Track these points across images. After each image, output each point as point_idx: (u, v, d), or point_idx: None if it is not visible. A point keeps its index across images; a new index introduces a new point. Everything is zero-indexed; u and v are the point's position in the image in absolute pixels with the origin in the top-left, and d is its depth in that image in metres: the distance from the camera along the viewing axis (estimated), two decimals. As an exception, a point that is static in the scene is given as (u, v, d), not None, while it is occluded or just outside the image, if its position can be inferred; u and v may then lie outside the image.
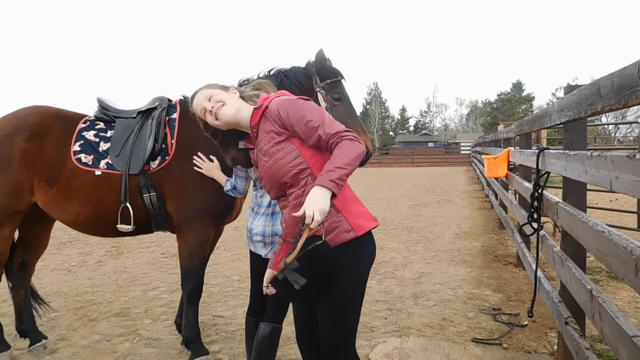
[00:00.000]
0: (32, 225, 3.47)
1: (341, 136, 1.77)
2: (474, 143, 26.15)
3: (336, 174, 1.66)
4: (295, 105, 1.89)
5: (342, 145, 1.75)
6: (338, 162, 1.69)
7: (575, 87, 2.73)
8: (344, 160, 1.69)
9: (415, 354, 3.30)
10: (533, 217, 3.11)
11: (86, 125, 3.26)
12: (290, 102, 1.91)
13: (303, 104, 1.89)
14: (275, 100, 1.96)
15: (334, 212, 1.83)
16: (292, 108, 1.87)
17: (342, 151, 1.73)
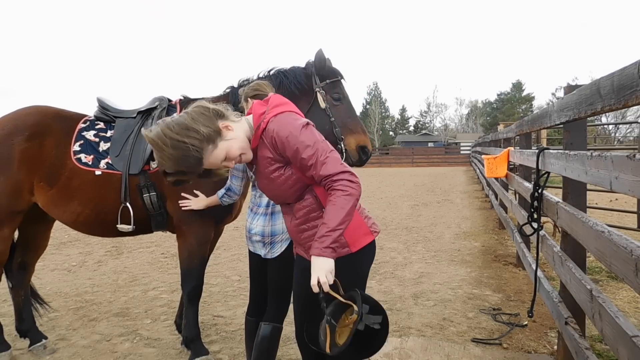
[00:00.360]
0: (32, 225, 3.47)
1: (333, 182, 1.73)
2: (474, 143, 26.15)
3: (330, 239, 1.68)
4: (290, 135, 1.77)
5: (335, 201, 1.71)
6: (331, 224, 1.68)
7: (575, 87, 2.73)
8: (336, 220, 1.68)
9: (415, 354, 3.30)
10: (533, 217, 3.11)
11: (86, 125, 3.26)
12: (286, 130, 1.78)
13: (298, 135, 1.77)
14: (273, 123, 1.82)
15: None
16: (288, 139, 1.77)
17: (335, 208, 1.70)
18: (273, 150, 1.82)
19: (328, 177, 1.75)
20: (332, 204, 1.72)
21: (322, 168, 1.75)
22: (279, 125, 1.80)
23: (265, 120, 1.84)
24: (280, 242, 2.56)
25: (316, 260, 1.69)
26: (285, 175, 1.85)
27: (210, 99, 2.81)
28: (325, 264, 1.68)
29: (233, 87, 3.23)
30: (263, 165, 1.88)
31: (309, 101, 3.01)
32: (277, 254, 2.55)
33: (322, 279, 1.67)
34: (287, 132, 1.78)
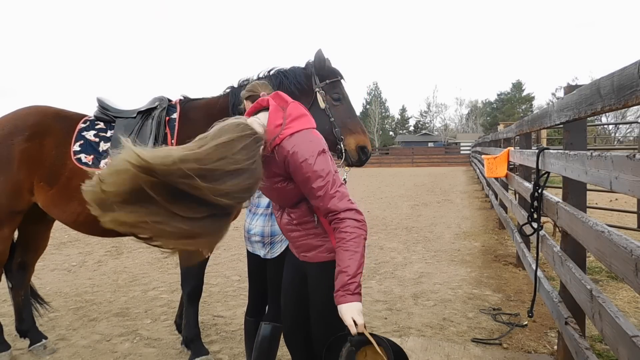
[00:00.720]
0: (31, 225, 3.47)
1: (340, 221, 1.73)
2: (474, 143, 26.16)
3: (355, 285, 1.70)
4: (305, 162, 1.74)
5: (347, 246, 1.71)
6: (351, 271, 1.69)
7: (575, 87, 2.73)
8: (355, 266, 1.70)
9: (415, 354, 3.30)
10: (533, 217, 3.11)
11: (86, 125, 3.26)
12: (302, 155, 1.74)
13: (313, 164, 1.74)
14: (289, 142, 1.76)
15: (322, 231, 1.91)
16: (302, 164, 1.73)
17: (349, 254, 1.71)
18: (283, 168, 1.79)
19: (334, 212, 1.75)
20: (344, 250, 1.72)
21: (329, 201, 1.75)
22: (296, 146, 1.75)
23: (281, 137, 1.77)
24: (280, 242, 2.55)
25: (347, 307, 1.69)
26: (289, 188, 1.85)
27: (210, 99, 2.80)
28: (356, 306, 1.69)
29: (233, 87, 3.23)
30: (268, 174, 1.83)
31: (309, 101, 3.01)
32: (277, 254, 2.55)
33: (358, 320, 1.67)
34: (302, 157, 1.74)
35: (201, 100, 3.37)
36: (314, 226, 1.93)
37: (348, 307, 1.69)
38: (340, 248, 1.73)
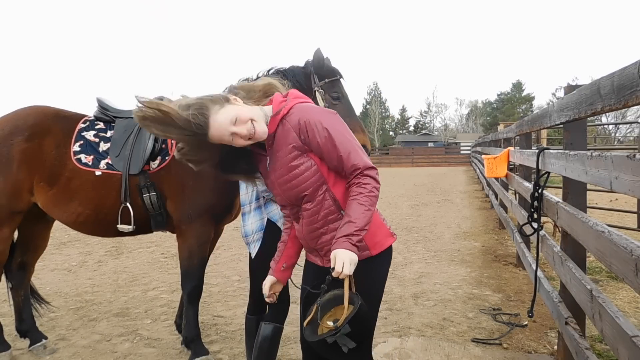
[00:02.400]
0: (31, 225, 3.47)
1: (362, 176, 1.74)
2: (474, 143, 26.15)
3: (358, 237, 1.68)
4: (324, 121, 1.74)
5: (363, 200, 1.70)
6: (359, 223, 1.68)
7: (575, 87, 2.73)
8: (364, 220, 1.69)
9: (415, 354, 3.30)
10: (533, 217, 3.11)
11: (86, 125, 3.26)
12: (317, 116, 1.75)
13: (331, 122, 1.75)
14: (299, 109, 1.78)
15: None
16: (320, 124, 1.73)
17: (364, 208, 1.70)
18: (297, 137, 1.76)
19: (358, 168, 1.73)
20: (359, 203, 1.70)
21: (354, 157, 1.73)
22: (308, 112, 1.77)
23: (288, 106, 1.79)
24: (253, 242, 2.58)
25: (344, 251, 1.65)
26: (305, 165, 1.78)
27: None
28: (351, 256, 1.65)
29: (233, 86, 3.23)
30: (282, 153, 1.80)
31: (309, 101, 3.02)
32: (254, 254, 2.59)
33: (346, 268, 1.63)
34: (317, 118, 1.74)
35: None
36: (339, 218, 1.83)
37: (345, 253, 1.64)
38: (356, 200, 1.71)
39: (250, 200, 2.60)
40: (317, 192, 1.81)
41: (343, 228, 1.69)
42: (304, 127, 1.75)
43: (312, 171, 1.79)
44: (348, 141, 1.75)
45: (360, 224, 1.68)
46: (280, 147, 1.80)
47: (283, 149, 1.79)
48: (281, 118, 1.79)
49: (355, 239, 1.67)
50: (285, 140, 1.79)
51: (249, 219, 2.59)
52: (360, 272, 1.77)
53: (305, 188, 1.80)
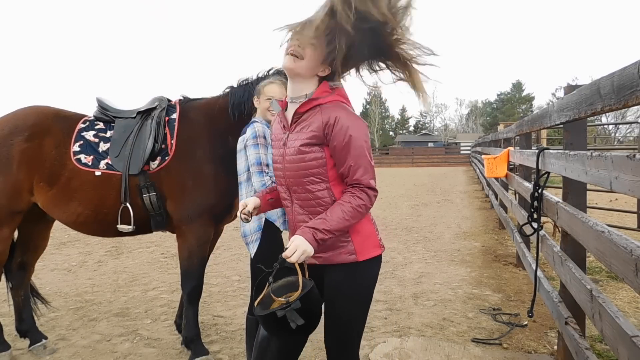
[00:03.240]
0: (31, 225, 3.47)
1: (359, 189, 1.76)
2: (474, 143, 26.15)
3: (324, 237, 1.71)
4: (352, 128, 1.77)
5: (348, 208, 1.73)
6: (332, 225, 1.71)
7: (575, 87, 2.73)
8: (339, 225, 1.72)
9: (415, 354, 3.30)
10: (533, 217, 3.11)
11: (85, 125, 3.26)
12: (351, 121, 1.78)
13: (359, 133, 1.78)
14: (336, 105, 1.81)
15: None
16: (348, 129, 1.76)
17: (344, 215, 1.72)
18: (322, 128, 1.78)
19: (360, 183, 1.76)
20: (342, 210, 1.73)
21: (361, 172, 1.76)
22: (342, 113, 1.78)
23: (329, 99, 1.81)
24: (251, 242, 2.59)
25: (303, 240, 1.69)
26: (314, 155, 1.80)
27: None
28: (309, 248, 1.69)
29: (232, 87, 3.23)
30: (302, 134, 1.82)
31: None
32: (253, 254, 2.61)
33: (296, 255, 1.67)
34: (348, 122, 1.76)
35: (201, 100, 3.38)
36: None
37: (303, 242, 1.68)
38: (341, 206, 1.74)
39: None
40: (317, 184, 1.83)
41: (315, 221, 1.73)
42: (331, 124, 1.77)
43: (318, 163, 1.81)
44: (364, 157, 1.78)
45: (331, 226, 1.71)
46: (304, 128, 1.83)
47: (305, 131, 1.82)
48: (317, 104, 1.81)
49: (319, 235, 1.70)
50: (310, 124, 1.81)
51: None
52: (345, 275, 1.83)
53: (304, 175, 1.83)
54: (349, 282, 1.85)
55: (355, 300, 1.88)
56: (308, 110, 1.83)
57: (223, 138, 3.15)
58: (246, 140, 2.60)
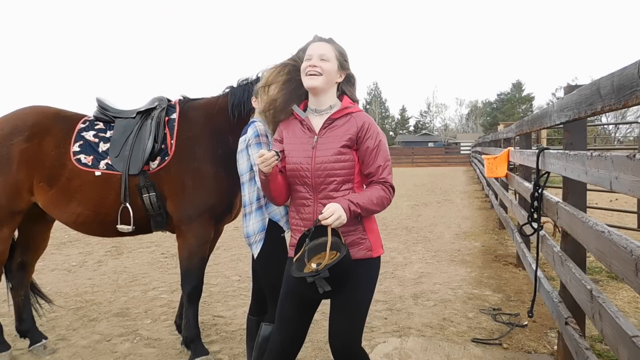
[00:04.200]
0: (31, 225, 3.47)
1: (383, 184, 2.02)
2: (474, 143, 26.15)
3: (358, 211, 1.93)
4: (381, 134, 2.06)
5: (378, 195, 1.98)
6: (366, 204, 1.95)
7: (575, 87, 2.73)
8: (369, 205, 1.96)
9: (415, 354, 3.30)
10: (533, 217, 3.11)
11: (85, 125, 3.26)
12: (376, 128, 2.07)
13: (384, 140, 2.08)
14: (365, 114, 2.08)
15: (361, 229, 2.05)
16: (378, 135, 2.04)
17: (373, 200, 1.97)
18: (357, 132, 2.02)
19: (387, 181, 2.02)
20: (375, 195, 1.97)
21: (387, 172, 2.04)
22: (372, 121, 2.07)
23: (357, 109, 2.10)
24: (254, 243, 2.58)
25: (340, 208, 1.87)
26: (349, 157, 2.02)
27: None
28: (344, 215, 1.88)
29: (232, 87, 3.23)
30: (338, 138, 2.02)
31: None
32: (257, 254, 2.59)
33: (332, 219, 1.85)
34: (377, 129, 2.07)
35: (200, 100, 3.38)
36: (356, 221, 2.02)
37: (339, 209, 1.87)
38: (371, 191, 1.99)
39: (251, 200, 2.60)
40: (344, 184, 2.02)
41: (353, 195, 1.96)
42: (365, 128, 2.03)
43: (350, 163, 2.02)
44: (389, 160, 2.07)
45: (364, 203, 1.94)
46: (339, 132, 2.04)
47: (341, 135, 2.03)
48: (349, 112, 2.07)
49: (353, 207, 1.92)
50: (346, 129, 2.04)
51: (251, 220, 2.59)
52: (361, 270, 2.02)
53: (339, 174, 2.02)
54: (364, 275, 2.03)
55: (366, 293, 2.08)
56: (341, 117, 2.06)
57: (223, 138, 3.14)
58: (248, 140, 2.57)
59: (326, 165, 2.01)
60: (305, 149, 2.06)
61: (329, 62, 2.04)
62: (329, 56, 2.04)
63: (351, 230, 2.02)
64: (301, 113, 2.12)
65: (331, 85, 2.08)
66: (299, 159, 2.06)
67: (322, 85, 2.04)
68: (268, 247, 2.57)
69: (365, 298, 2.07)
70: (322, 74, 2.02)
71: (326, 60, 2.03)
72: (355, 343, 2.07)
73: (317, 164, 2.02)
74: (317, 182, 2.02)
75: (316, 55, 2.04)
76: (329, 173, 2.01)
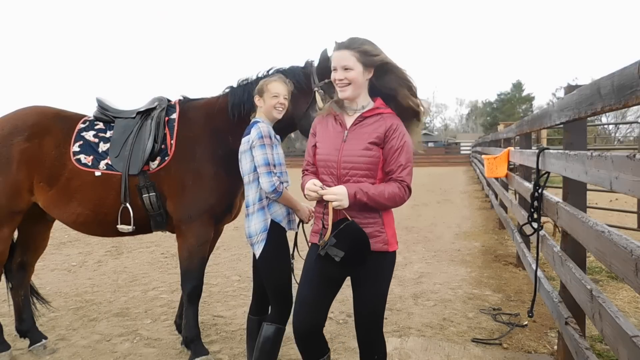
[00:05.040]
0: (31, 225, 3.47)
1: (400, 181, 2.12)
2: (474, 143, 26.14)
3: (365, 199, 2.06)
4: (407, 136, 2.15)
5: (391, 190, 2.09)
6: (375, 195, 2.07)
7: (575, 87, 2.73)
8: (378, 198, 2.07)
9: (415, 354, 3.30)
10: (533, 217, 3.10)
11: (85, 125, 3.26)
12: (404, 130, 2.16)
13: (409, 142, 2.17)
14: (394, 116, 2.18)
15: (380, 222, 2.16)
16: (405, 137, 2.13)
17: (386, 194, 2.08)
18: (385, 131, 2.13)
19: (404, 181, 2.12)
20: (387, 190, 2.08)
21: (407, 172, 2.14)
22: (401, 124, 2.17)
23: (388, 110, 2.20)
24: (257, 243, 2.58)
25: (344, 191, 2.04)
26: (374, 152, 2.13)
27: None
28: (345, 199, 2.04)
29: (232, 87, 3.23)
30: (367, 135, 2.15)
31: (308, 100, 3.02)
32: (259, 254, 2.59)
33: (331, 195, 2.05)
34: (405, 131, 2.17)
35: (200, 100, 3.38)
36: (377, 215, 2.15)
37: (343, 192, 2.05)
38: (385, 186, 2.10)
39: (254, 201, 2.60)
40: (367, 178, 2.13)
41: (366, 185, 2.08)
42: (393, 128, 2.14)
43: (375, 159, 2.13)
44: (411, 162, 2.16)
45: (372, 194, 2.06)
46: (368, 129, 2.16)
47: (370, 132, 2.15)
48: (379, 113, 2.19)
49: (359, 194, 2.05)
50: (375, 127, 2.15)
51: (253, 220, 2.59)
52: (378, 261, 2.15)
53: (362, 168, 2.13)
54: (380, 267, 2.17)
55: (382, 283, 2.21)
56: (372, 116, 2.18)
57: (223, 138, 3.14)
58: (252, 141, 2.56)
59: (352, 158, 2.14)
60: (336, 142, 2.21)
61: (353, 70, 2.14)
62: (351, 64, 2.14)
63: (370, 223, 2.14)
64: (337, 109, 2.29)
65: (362, 88, 2.20)
66: (329, 149, 2.22)
67: (353, 93, 2.18)
68: (270, 247, 2.57)
69: (382, 288, 2.22)
70: (350, 84, 2.16)
71: (350, 69, 2.14)
72: (376, 330, 2.25)
73: (344, 156, 2.16)
74: (342, 174, 2.16)
75: (340, 68, 2.15)
76: (353, 166, 2.14)
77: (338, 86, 2.18)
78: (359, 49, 2.16)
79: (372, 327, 2.25)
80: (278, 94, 2.66)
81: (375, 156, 2.13)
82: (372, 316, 2.24)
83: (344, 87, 2.16)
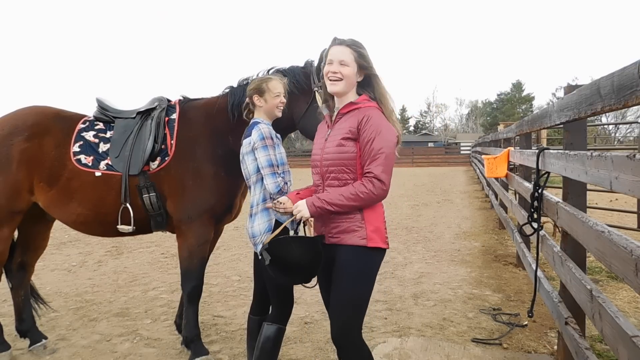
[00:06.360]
0: (31, 225, 3.47)
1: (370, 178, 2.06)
2: (474, 143, 26.14)
3: (323, 207, 2.09)
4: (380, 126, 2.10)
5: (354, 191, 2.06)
6: (333, 200, 2.08)
7: (575, 87, 2.73)
8: (338, 202, 2.07)
9: (415, 354, 3.30)
10: (533, 217, 3.10)
11: (85, 125, 3.26)
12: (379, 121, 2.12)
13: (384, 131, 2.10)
14: (371, 110, 2.16)
15: (359, 218, 2.13)
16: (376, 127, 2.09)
17: (347, 196, 2.06)
18: (357, 124, 2.12)
19: (371, 173, 2.05)
20: (345, 189, 2.08)
21: (375, 165, 2.06)
22: (374, 116, 2.13)
23: (367, 105, 2.18)
24: (260, 243, 2.57)
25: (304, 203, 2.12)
26: (349, 147, 2.13)
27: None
28: (305, 210, 2.12)
29: (232, 87, 3.23)
30: (341, 130, 2.16)
31: (307, 100, 3.02)
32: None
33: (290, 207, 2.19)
34: (377, 124, 2.10)
35: (200, 100, 3.38)
36: (355, 211, 2.12)
37: (302, 206, 2.12)
38: (346, 187, 2.09)
39: (258, 201, 2.60)
40: (346, 174, 2.14)
41: (325, 194, 2.12)
42: (364, 121, 2.11)
43: (349, 155, 2.13)
44: (383, 153, 2.07)
45: (330, 199, 2.08)
46: (344, 125, 2.17)
47: (344, 127, 2.16)
48: (356, 108, 2.17)
49: (317, 202, 2.09)
50: (351, 122, 2.15)
51: (257, 220, 2.59)
52: (354, 255, 2.13)
53: (337, 164, 2.15)
54: (356, 262, 2.12)
55: (358, 280, 2.14)
56: (349, 112, 2.18)
57: (223, 138, 3.14)
58: (253, 142, 2.55)
59: (330, 155, 2.18)
60: (321, 141, 2.28)
61: (348, 67, 2.15)
62: (348, 61, 2.15)
63: (348, 218, 2.14)
64: (325, 110, 2.35)
65: (351, 87, 2.21)
66: (316, 149, 2.30)
67: (343, 89, 2.19)
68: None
69: (357, 284, 2.14)
70: (342, 79, 2.16)
71: (346, 65, 2.15)
72: (350, 332, 2.14)
73: (325, 154, 2.21)
74: (324, 171, 2.20)
75: (336, 61, 2.16)
76: (331, 163, 2.17)
77: (330, 79, 2.18)
78: (359, 50, 2.19)
79: (346, 330, 2.13)
80: (279, 92, 2.66)
81: (350, 151, 2.13)
82: (343, 316, 2.13)
83: (335, 81, 2.17)
